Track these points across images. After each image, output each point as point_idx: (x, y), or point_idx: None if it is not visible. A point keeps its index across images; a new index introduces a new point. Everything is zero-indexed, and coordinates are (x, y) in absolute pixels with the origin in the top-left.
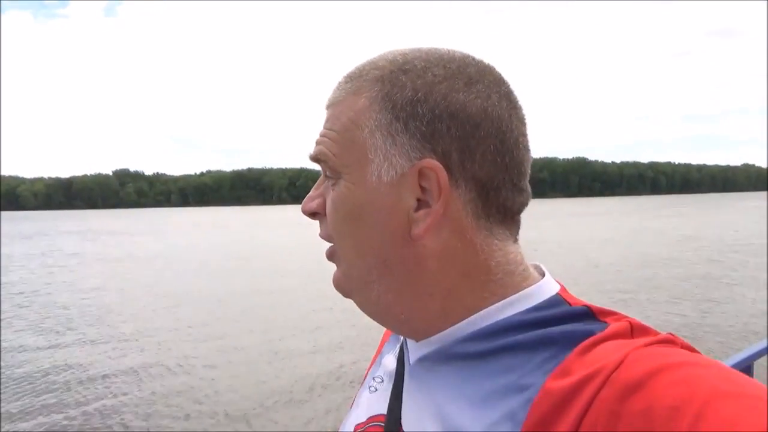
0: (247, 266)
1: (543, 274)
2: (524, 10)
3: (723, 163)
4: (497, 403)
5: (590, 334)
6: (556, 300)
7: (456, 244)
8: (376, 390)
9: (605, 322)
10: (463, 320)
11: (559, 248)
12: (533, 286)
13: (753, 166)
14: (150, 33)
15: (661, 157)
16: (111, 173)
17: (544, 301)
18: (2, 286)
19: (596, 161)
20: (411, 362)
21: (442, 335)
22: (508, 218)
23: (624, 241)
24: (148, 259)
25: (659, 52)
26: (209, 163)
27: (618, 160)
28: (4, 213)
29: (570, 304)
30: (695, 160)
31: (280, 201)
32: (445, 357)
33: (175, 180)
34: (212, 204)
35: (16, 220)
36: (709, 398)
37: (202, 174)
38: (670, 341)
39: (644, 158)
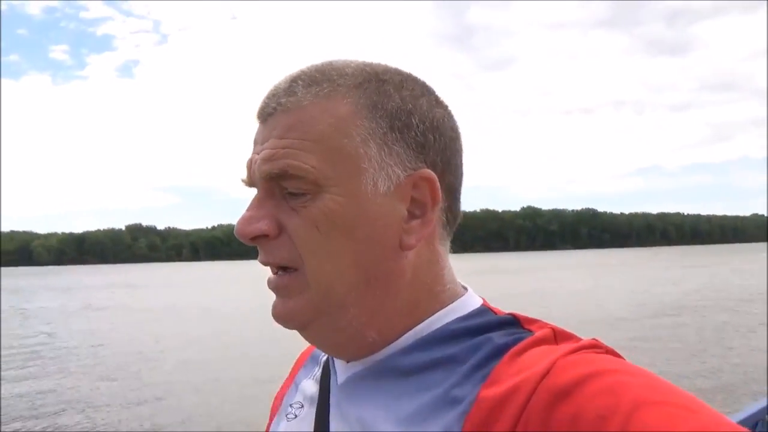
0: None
1: (465, 288)
2: (530, 68)
3: (731, 213)
4: (430, 419)
5: (517, 341)
6: (483, 309)
7: (426, 254)
8: (296, 416)
9: (530, 330)
10: (405, 334)
11: (572, 299)
12: (462, 297)
13: (762, 216)
14: (163, 91)
15: (668, 207)
16: (123, 228)
17: (472, 310)
18: (45, 336)
19: (605, 212)
20: (339, 383)
21: (377, 353)
22: (454, 228)
23: (640, 291)
24: (176, 309)
25: (658, 105)
26: (221, 216)
27: (626, 211)
28: (19, 268)
29: (495, 314)
30: (704, 210)
31: None
32: (376, 374)
33: (186, 234)
34: (223, 258)
35: (41, 275)
36: (635, 407)
37: (213, 228)
38: (594, 346)
39: (653, 209)
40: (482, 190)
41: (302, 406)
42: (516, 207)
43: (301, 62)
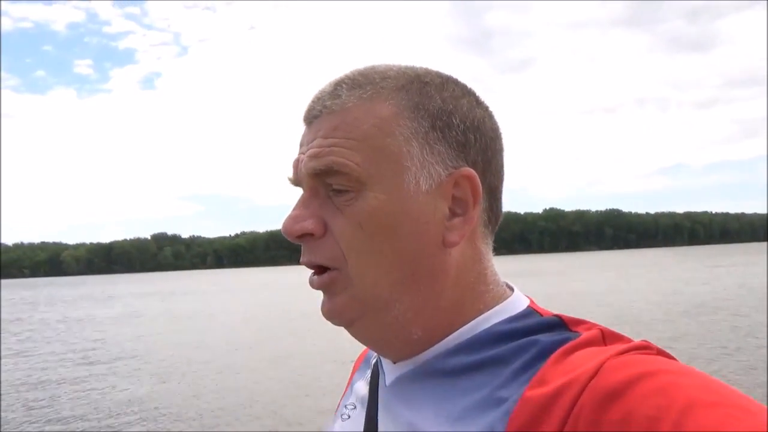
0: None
1: (511, 288)
2: (548, 71)
3: (762, 211)
4: (475, 419)
5: (564, 342)
6: (529, 311)
7: (469, 252)
8: (349, 417)
9: (577, 332)
10: (450, 334)
11: (601, 300)
12: (509, 298)
13: None
14: (185, 101)
15: (695, 206)
16: (149, 237)
17: (518, 313)
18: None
19: (630, 212)
20: (387, 384)
21: (421, 355)
22: (495, 228)
23: (671, 292)
24: (213, 315)
25: (682, 102)
26: (244, 224)
27: (651, 211)
28: (50, 279)
29: (542, 315)
30: (732, 208)
31: None
32: (423, 375)
33: (210, 242)
34: (246, 265)
35: (73, 285)
36: (688, 407)
37: (236, 236)
38: (645, 348)
39: (679, 208)
40: (505, 192)
41: (355, 407)
42: (538, 209)
43: (319, 69)
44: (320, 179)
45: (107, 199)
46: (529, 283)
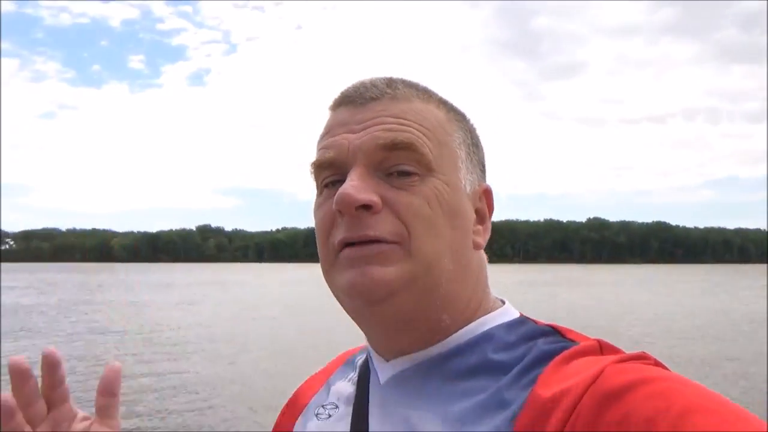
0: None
1: (502, 301)
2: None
3: None
4: (479, 420)
5: (563, 349)
6: (523, 319)
7: (479, 259)
8: (330, 416)
9: (574, 341)
10: (452, 335)
11: (645, 314)
12: (505, 306)
13: None
14: (231, 98)
15: (746, 222)
16: (194, 228)
17: (514, 319)
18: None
19: (678, 226)
20: (382, 382)
21: (421, 352)
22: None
23: (722, 310)
24: (262, 305)
25: (734, 114)
26: (285, 219)
27: (700, 225)
28: (99, 264)
29: (536, 324)
30: None
31: None
32: (421, 375)
33: (252, 236)
34: (286, 260)
35: (124, 271)
36: (685, 411)
37: (277, 231)
38: (642, 358)
39: (729, 223)
40: (546, 199)
41: (337, 407)
42: (581, 218)
43: (363, 69)
44: (387, 155)
45: (154, 189)
46: (568, 293)
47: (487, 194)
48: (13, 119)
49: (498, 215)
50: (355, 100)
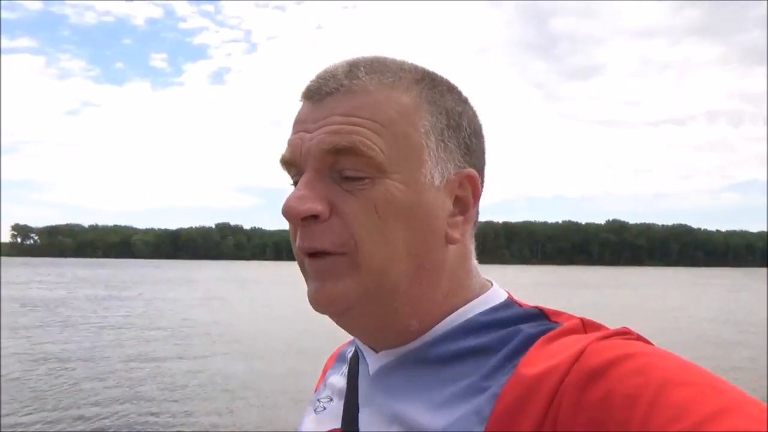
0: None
1: (490, 282)
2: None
3: None
4: (462, 403)
5: (546, 331)
6: (509, 302)
7: (460, 250)
8: (324, 409)
9: (558, 322)
10: (438, 323)
11: (667, 317)
12: (490, 290)
13: None
14: (251, 96)
15: None
16: (213, 226)
17: (499, 303)
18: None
19: (699, 229)
20: (370, 374)
21: (406, 345)
22: (474, 231)
23: (748, 313)
24: (286, 302)
25: (757, 116)
26: None
27: (722, 228)
28: (120, 260)
29: (521, 306)
30: None
31: None
32: (407, 365)
33: (270, 234)
34: None
35: (146, 267)
36: (663, 386)
37: None
38: (625, 333)
39: (752, 227)
40: (564, 201)
41: (331, 400)
42: (600, 220)
43: None
44: (334, 158)
45: (174, 186)
46: (587, 295)
47: (471, 180)
48: (38, 116)
49: (516, 216)
50: (313, 95)
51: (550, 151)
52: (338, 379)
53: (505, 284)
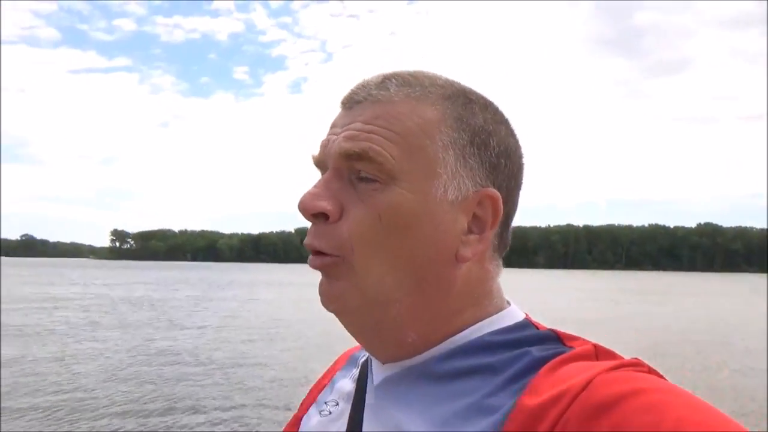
0: None
1: (508, 303)
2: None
3: None
4: (465, 424)
5: (556, 355)
6: (525, 323)
7: (476, 271)
8: (330, 413)
9: (570, 347)
10: (445, 341)
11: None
12: (506, 310)
13: None
14: (328, 104)
15: None
16: (293, 231)
17: (514, 323)
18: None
19: None
20: (376, 383)
21: (412, 358)
22: (502, 255)
23: None
24: None
25: None
26: None
27: None
28: (207, 263)
29: (537, 328)
30: None
31: None
32: (412, 377)
33: None
34: None
35: (252, 271)
36: (676, 428)
37: None
38: (636, 365)
39: None
40: (651, 204)
41: (337, 404)
42: (691, 223)
43: (458, 71)
44: (350, 162)
45: (256, 192)
46: (678, 302)
47: (491, 200)
48: (133, 129)
49: (598, 220)
50: (345, 102)
51: (633, 150)
52: (347, 383)
53: (584, 290)
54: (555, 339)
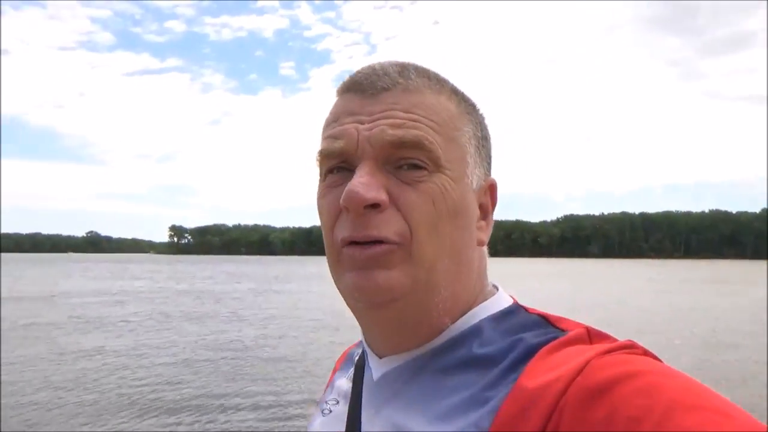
0: None
1: (495, 287)
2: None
3: None
4: (462, 416)
5: (550, 340)
6: (515, 308)
7: (479, 255)
8: (331, 412)
9: (563, 329)
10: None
11: None
12: (495, 296)
13: None
14: None
15: None
16: None
17: (505, 308)
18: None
19: None
20: (375, 379)
21: (412, 351)
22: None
23: None
24: None
25: None
26: None
27: None
28: (261, 257)
29: (527, 312)
30: None
31: None
32: (411, 372)
33: None
34: None
35: (305, 263)
36: (670, 409)
37: None
38: (630, 347)
39: None
40: (711, 187)
41: (337, 402)
42: (755, 208)
43: (503, 59)
44: (395, 151)
45: (306, 186)
46: (747, 293)
47: (491, 189)
48: (187, 127)
49: (653, 206)
50: (366, 89)
51: (689, 133)
52: (344, 382)
53: (647, 280)
54: (545, 323)
